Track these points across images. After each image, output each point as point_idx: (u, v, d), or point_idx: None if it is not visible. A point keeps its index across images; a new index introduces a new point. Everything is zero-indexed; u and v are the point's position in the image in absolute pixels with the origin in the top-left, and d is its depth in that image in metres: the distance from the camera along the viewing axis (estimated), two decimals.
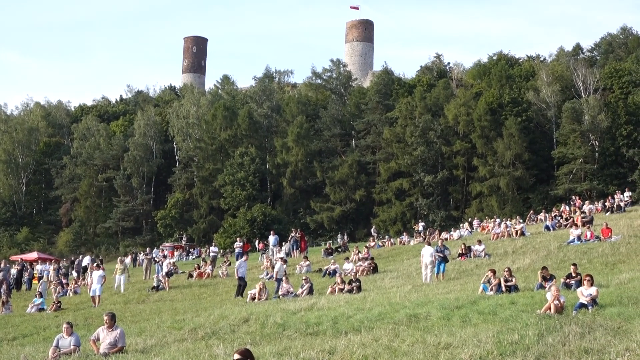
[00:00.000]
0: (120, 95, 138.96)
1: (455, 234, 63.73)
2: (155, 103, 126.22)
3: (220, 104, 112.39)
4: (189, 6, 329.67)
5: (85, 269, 53.70)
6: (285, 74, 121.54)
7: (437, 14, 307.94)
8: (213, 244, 77.88)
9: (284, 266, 40.73)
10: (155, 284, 44.62)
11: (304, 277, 37.80)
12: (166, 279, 44.66)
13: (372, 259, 45.42)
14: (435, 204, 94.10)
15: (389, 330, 18.99)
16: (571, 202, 68.15)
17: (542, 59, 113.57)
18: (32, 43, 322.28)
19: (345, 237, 75.44)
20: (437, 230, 70.46)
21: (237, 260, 57.60)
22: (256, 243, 73.95)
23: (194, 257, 71.68)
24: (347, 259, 46.79)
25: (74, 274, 57.09)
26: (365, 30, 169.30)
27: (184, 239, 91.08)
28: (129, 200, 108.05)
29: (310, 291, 34.31)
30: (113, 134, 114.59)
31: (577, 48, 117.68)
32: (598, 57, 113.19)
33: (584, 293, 20.89)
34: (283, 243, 64.26)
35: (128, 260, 65.51)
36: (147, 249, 75.36)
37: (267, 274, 44.57)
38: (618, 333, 15.38)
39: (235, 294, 36.20)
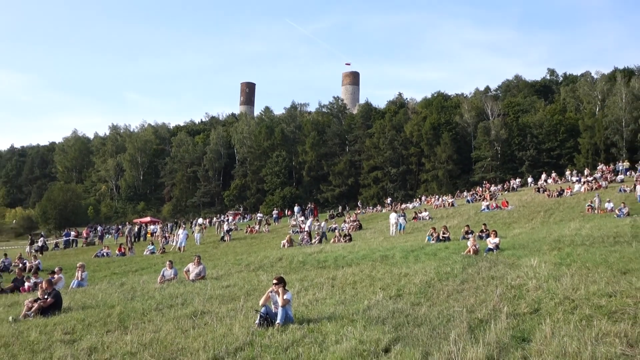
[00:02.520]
0: (201, 119, 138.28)
1: (410, 206, 63.52)
2: (222, 124, 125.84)
3: (264, 124, 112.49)
4: (245, 63, 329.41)
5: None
6: (304, 105, 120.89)
7: (399, 68, 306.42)
8: (259, 212, 78.16)
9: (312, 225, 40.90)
10: (222, 237, 44.75)
11: (317, 232, 37.84)
12: (229, 234, 44.72)
13: (358, 221, 45.50)
14: (398, 186, 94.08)
15: (369, 265, 19.29)
16: (483, 185, 68.18)
17: (464, 95, 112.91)
18: (146, 87, 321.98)
19: (340, 208, 75.19)
20: (399, 203, 70.40)
21: (275, 222, 57.70)
22: (286, 211, 73.86)
23: (247, 220, 71.58)
24: (345, 221, 46.81)
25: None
26: (354, 78, 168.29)
27: (241, 209, 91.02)
28: (207, 185, 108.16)
29: (321, 240, 34.37)
30: (196, 143, 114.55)
31: (487, 89, 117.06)
32: (500, 94, 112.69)
33: (491, 242, 21.34)
34: (304, 211, 64.15)
35: (207, 222, 65.51)
36: (218, 215, 75.47)
37: (293, 231, 44.56)
38: (512, 266, 15.69)
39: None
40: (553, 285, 11.67)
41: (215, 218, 69.51)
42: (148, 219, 74.92)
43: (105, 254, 36.94)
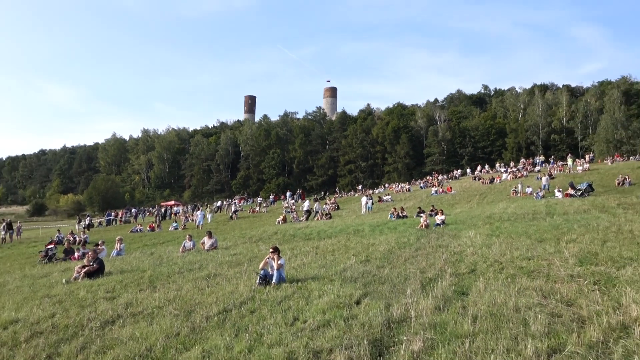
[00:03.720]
0: (214, 124, 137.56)
1: (376, 191, 63.61)
2: (230, 128, 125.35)
3: (262, 128, 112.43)
4: (248, 80, 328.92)
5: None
6: (294, 113, 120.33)
7: (368, 84, 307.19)
8: (259, 196, 77.91)
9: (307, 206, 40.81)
10: (230, 216, 44.58)
11: (304, 212, 37.78)
12: (235, 214, 44.61)
13: (336, 203, 45.48)
14: (367, 176, 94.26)
15: (344, 237, 19.30)
16: (432, 175, 68.40)
17: (418, 105, 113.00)
18: (171, 99, 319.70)
19: (322, 193, 75.17)
20: (368, 189, 70.50)
21: (272, 204, 57.33)
22: (280, 196, 73.72)
23: (250, 203, 71.31)
24: (326, 203, 46.78)
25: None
26: (333, 92, 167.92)
27: (245, 194, 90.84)
28: (218, 176, 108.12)
29: (307, 218, 34.34)
30: (210, 143, 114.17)
31: (436, 100, 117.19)
32: (445, 104, 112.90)
33: (438, 218, 21.39)
34: (294, 195, 64.07)
35: (219, 203, 65.18)
36: (227, 199, 75.12)
37: (286, 211, 44.50)
38: (455, 237, 15.71)
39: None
40: (486, 251, 11.75)
41: (225, 202, 69.43)
42: (172, 202, 74.89)
43: (138, 229, 36.78)
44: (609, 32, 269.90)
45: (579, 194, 29.02)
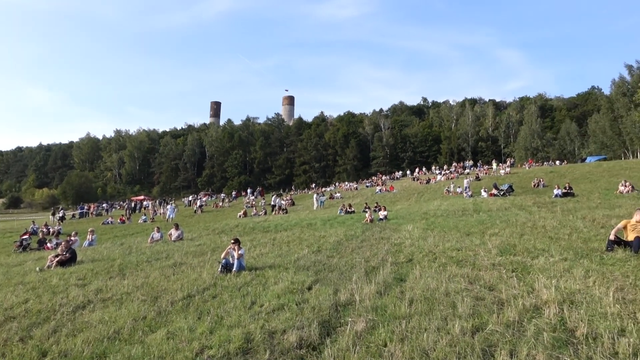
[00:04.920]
0: (182, 127, 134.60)
1: (328, 189, 63.87)
2: (197, 130, 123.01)
3: (226, 131, 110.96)
4: (214, 87, 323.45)
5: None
6: (255, 119, 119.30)
7: (322, 94, 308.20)
8: (222, 193, 76.68)
9: (263, 202, 40.31)
10: (195, 210, 43.78)
11: (263, 207, 37.50)
12: (201, 208, 43.85)
13: (292, 199, 45.37)
14: (320, 176, 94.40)
15: (299, 230, 19.15)
16: (377, 175, 69.16)
17: (366, 114, 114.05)
18: (143, 103, 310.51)
19: (281, 190, 74.84)
20: (320, 187, 70.64)
21: (234, 200, 56.57)
22: (242, 192, 72.86)
23: (214, 198, 70.13)
24: (283, 200, 46.54)
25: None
26: (290, 100, 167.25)
27: (209, 190, 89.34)
28: (185, 173, 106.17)
29: (266, 213, 34.09)
30: (178, 144, 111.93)
31: (381, 110, 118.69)
32: (389, 114, 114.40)
33: (382, 214, 21.36)
34: (254, 192, 63.45)
35: (190, 198, 63.83)
36: (193, 195, 73.71)
37: (246, 206, 44.04)
38: (395, 230, 15.79)
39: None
40: (422, 243, 11.87)
41: (191, 197, 68.14)
42: (142, 197, 73.14)
43: (110, 222, 35.64)
44: (528, 55, 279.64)
45: (502, 194, 29.94)
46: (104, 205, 57.13)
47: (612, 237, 9.13)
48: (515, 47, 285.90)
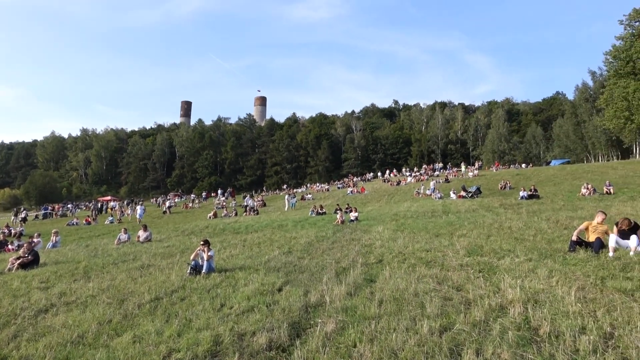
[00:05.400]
0: (151, 126, 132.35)
1: (299, 190, 63.82)
2: (166, 130, 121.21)
3: (197, 131, 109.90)
4: (185, 86, 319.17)
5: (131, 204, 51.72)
6: (226, 119, 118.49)
7: (295, 95, 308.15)
8: (192, 193, 75.61)
9: (234, 203, 39.91)
10: (164, 211, 43.10)
11: (233, 208, 37.20)
12: (169, 209, 43.22)
13: (263, 200, 45.13)
14: (291, 177, 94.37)
15: (270, 231, 19.10)
16: (349, 177, 69.49)
17: (338, 115, 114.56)
18: (111, 101, 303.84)
19: (253, 191, 74.40)
20: (292, 188, 70.47)
21: (204, 201, 55.94)
22: (212, 193, 72.11)
23: (184, 199, 69.19)
24: (254, 200, 46.23)
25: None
26: (263, 100, 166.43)
27: (179, 191, 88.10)
28: (154, 174, 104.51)
29: (236, 214, 33.84)
30: (147, 144, 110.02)
31: (353, 112, 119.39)
32: (361, 116, 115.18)
33: (353, 215, 21.61)
34: (225, 193, 62.87)
35: (154, 200, 62.89)
36: (162, 195, 72.60)
37: (218, 206, 43.59)
38: (366, 232, 15.90)
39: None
40: (392, 244, 11.94)
41: (160, 198, 67.10)
42: (109, 197, 71.37)
43: (75, 223, 34.81)
44: (496, 60, 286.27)
45: (470, 195, 30.49)
46: (69, 205, 55.70)
47: (574, 238, 9.41)
48: (483, 52, 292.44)
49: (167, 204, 46.56)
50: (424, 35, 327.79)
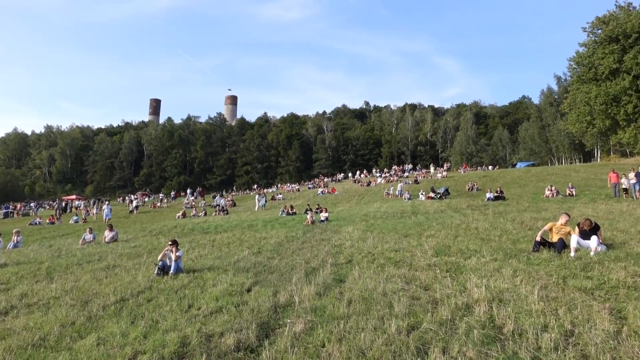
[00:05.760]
0: (118, 124, 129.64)
1: (270, 190, 63.56)
2: (134, 128, 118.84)
3: (166, 129, 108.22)
4: (155, 84, 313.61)
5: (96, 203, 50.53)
6: (196, 117, 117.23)
7: (266, 94, 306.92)
8: (161, 193, 74.46)
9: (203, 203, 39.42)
10: (131, 210, 42.28)
11: (202, 208, 36.80)
12: (136, 209, 42.39)
13: (233, 200, 44.82)
14: (262, 176, 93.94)
15: (239, 231, 19.00)
16: (319, 177, 69.58)
17: (309, 116, 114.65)
18: (77, 98, 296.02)
19: (223, 191, 73.71)
20: (262, 188, 70.11)
21: (173, 200, 55.08)
22: (181, 193, 71.13)
23: (152, 198, 68.08)
24: (225, 200, 45.83)
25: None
26: (233, 100, 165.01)
27: (147, 190, 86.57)
28: (121, 172, 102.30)
29: (206, 214, 33.46)
30: (114, 142, 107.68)
31: (324, 112, 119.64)
32: (332, 116, 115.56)
33: (323, 215, 21.52)
34: (194, 192, 62.11)
35: (120, 200, 61.59)
36: (129, 195, 71.25)
37: (186, 207, 43.02)
38: (336, 232, 15.92)
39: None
40: (361, 244, 12.03)
41: (127, 197, 65.86)
42: (74, 196, 69.66)
43: (38, 222, 33.78)
44: (464, 64, 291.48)
45: (438, 197, 30.96)
46: (32, 204, 54.01)
47: (538, 238, 9.67)
48: (453, 55, 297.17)
49: (134, 203, 45.58)
50: (395, 37, 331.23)
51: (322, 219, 21.28)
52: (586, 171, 37.58)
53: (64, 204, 52.66)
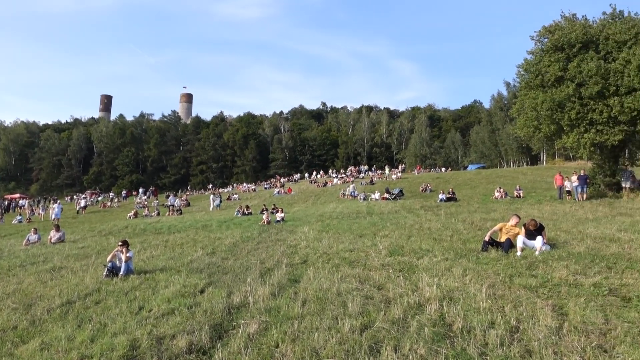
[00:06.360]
0: (67, 120, 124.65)
1: (225, 190, 62.79)
2: (84, 125, 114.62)
3: (117, 127, 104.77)
4: (106, 79, 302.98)
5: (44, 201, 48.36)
6: (150, 115, 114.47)
7: (222, 93, 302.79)
8: (111, 192, 72.15)
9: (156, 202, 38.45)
10: (78, 210, 40.77)
11: (155, 208, 35.94)
12: (84, 208, 40.84)
13: (187, 200, 43.98)
14: (217, 176, 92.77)
15: (193, 231, 18.78)
16: (276, 177, 69.32)
17: (266, 115, 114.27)
18: (23, 92, 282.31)
19: (180, 191, 72.25)
20: (217, 188, 69.16)
21: (124, 200, 53.48)
22: (133, 192, 69.10)
23: (101, 198, 65.75)
24: (180, 200, 44.88)
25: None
26: (189, 97, 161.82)
27: (97, 189, 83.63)
28: (69, 170, 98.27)
29: (159, 214, 32.71)
30: (62, 138, 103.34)
31: (281, 112, 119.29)
32: (289, 117, 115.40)
33: (279, 216, 21.60)
34: (146, 192, 60.54)
35: (68, 199, 59.25)
36: (78, 194, 68.74)
37: (139, 206, 41.87)
38: (292, 232, 15.95)
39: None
40: (317, 244, 12.08)
41: (75, 196, 63.49)
42: (18, 195, 66.42)
43: None
44: (419, 68, 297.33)
45: (393, 197, 31.48)
46: None
47: (487, 238, 10.00)
48: (409, 59, 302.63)
49: (82, 202, 43.84)
50: (352, 39, 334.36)
51: (278, 219, 21.25)
52: (533, 174, 39.21)
53: (6, 203, 50.24)
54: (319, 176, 61.53)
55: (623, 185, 21.98)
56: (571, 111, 20.60)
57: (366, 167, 66.72)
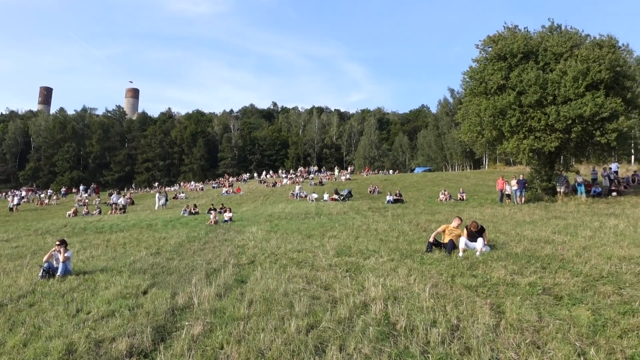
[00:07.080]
0: (2, 112, 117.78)
1: (172, 188, 61.14)
2: (21, 117, 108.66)
3: (58, 121, 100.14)
4: (44, 71, 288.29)
5: None
6: (93, 109, 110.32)
7: (170, 89, 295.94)
8: (50, 189, 68.71)
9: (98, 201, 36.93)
10: (11, 207, 38.47)
11: (97, 206, 34.59)
12: (17, 206, 38.60)
13: (131, 198, 42.55)
14: (164, 174, 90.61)
15: (137, 231, 18.33)
16: (224, 176, 68.43)
17: (216, 114, 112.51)
18: None
19: (122, 190, 69.79)
20: (163, 186, 67.32)
21: (63, 197, 51.12)
22: (74, 190, 66.12)
23: (38, 195, 62.43)
24: (125, 198, 43.33)
25: None
26: (135, 92, 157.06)
27: (33, 186, 79.44)
28: (3, 165, 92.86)
29: (100, 212, 31.48)
30: None
31: (231, 111, 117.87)
32: (240, 115, 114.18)
33: (227, 215, 21.34)
34: (88, 189, 58.12)
35: (2, 195, 55.93)
36: (13, 189, 65.10)
37: (79, 204, 40.08)
38: (240, 232, 15.87)
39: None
40: (265, 244, 12.10)
41: (10, 192, 60.06)
42: None
43: None
44: (370, 71, 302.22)
45: (342, 198, 31.77)
46: None
47: (431, 239, 10.31)
48: (359, 62, 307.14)
49: (15, 200, 41.37)
50: (304, 40, 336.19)
51: (226, 219, 21.04)
52: (475, 177, 40.67)
53: None
54: (268, 176, 61.17)
55: (558, 189, 23.26)
56: (512, 118, 21.53)
57: (316, 168, 67.02)
